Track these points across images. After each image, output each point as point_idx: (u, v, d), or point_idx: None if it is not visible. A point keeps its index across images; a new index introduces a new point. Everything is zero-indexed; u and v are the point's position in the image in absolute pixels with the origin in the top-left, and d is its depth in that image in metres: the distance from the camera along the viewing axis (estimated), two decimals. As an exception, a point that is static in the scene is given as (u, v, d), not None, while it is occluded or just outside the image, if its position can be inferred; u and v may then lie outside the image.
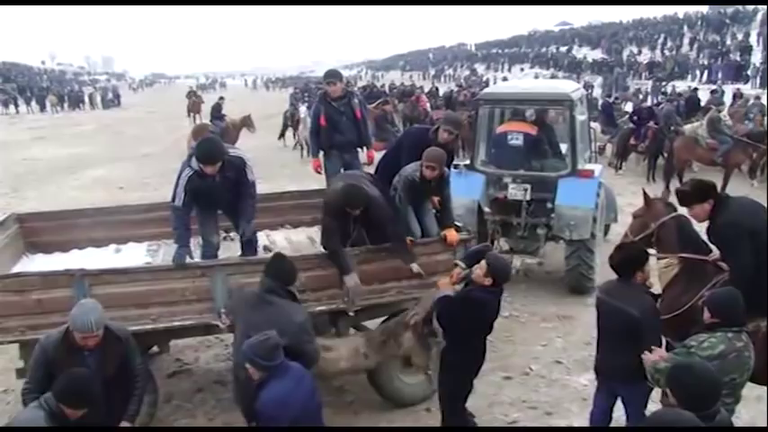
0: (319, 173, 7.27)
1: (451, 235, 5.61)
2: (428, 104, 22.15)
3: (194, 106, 30.13)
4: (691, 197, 4.85)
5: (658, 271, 5.25)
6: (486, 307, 4.59)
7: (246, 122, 19.61)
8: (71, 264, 5.55)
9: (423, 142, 5.99)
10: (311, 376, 4.10)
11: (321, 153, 7.15)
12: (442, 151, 5.80)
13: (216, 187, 5.42)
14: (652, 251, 5.14)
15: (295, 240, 6.74)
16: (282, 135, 22.74)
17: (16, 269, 5.94)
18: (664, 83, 33.14)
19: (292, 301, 4.42)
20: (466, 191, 7.81)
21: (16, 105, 46.11)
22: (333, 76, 6.91)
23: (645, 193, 5.58)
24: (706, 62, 36.79)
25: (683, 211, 5.11)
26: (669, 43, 45.59)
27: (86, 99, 51.86)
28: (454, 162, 7.23)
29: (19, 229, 6.60)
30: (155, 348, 5.61)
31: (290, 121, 21.96)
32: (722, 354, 3.69)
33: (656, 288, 4.99)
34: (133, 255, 6.49)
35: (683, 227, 5.21)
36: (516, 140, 8.72)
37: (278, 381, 3.78)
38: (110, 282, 4.93)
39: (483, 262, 4.57)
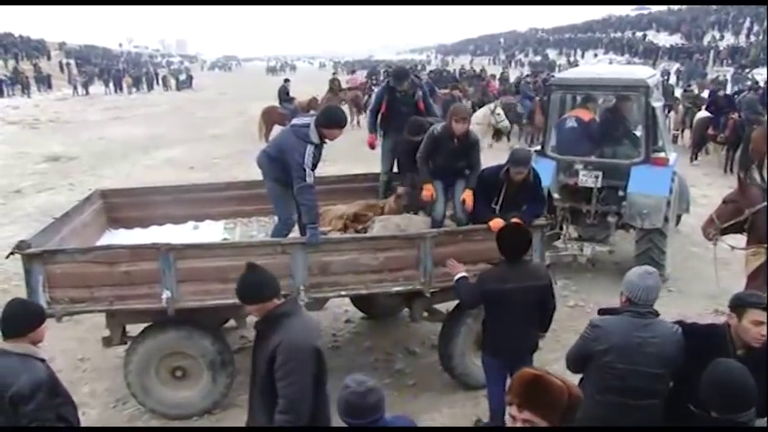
0: (373, 148, 7.54)
1: (495, 222, 5.39)
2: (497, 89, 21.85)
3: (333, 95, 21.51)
4: None
5: (745, 257, 5.13)
6: None
7: (312, 104, 19.88)
8: (151, 239, 5.72)
9: (493, 184, 5.74)
10: None
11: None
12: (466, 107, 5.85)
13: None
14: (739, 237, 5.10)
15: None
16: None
17: (100, 243, 6.24)
18: (747, 70, 31.63)
19: None
20: (536, 177, 7.70)
21: (88, 87, 47.25)
22: (398, 78, 7.09)
23: (740, 178, 5.45)
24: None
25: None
26: (755, 27, 43.44)
27: (160, 81, 53.15)
28: None
29: (103, 205, 6.93)
30: (231, 322, 5.77)
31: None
32: None
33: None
34: (210, 232, 6.72)
35: None
36: (575, 126, 8.62)
37: None
38: (193, 256, 5.09)
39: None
